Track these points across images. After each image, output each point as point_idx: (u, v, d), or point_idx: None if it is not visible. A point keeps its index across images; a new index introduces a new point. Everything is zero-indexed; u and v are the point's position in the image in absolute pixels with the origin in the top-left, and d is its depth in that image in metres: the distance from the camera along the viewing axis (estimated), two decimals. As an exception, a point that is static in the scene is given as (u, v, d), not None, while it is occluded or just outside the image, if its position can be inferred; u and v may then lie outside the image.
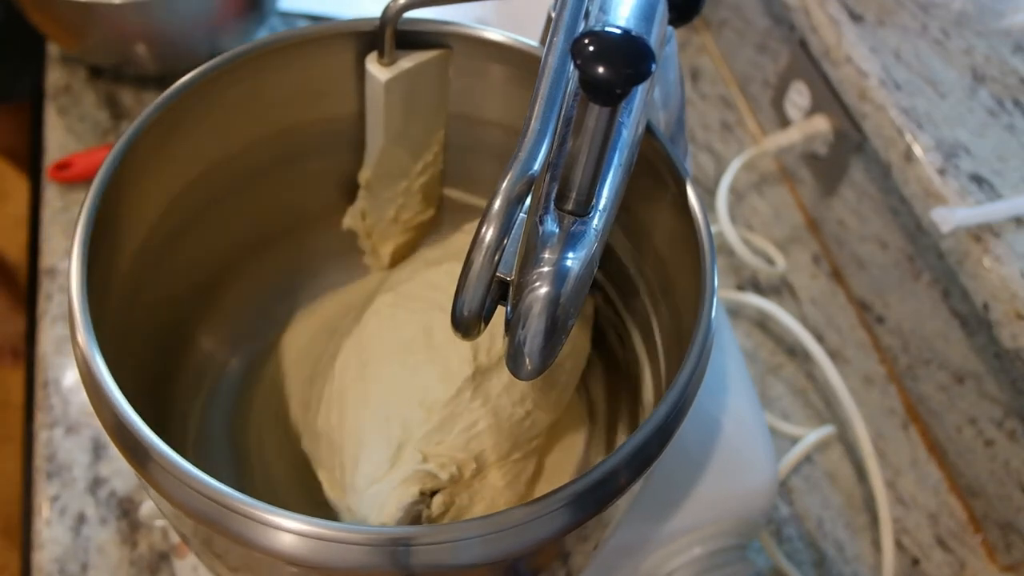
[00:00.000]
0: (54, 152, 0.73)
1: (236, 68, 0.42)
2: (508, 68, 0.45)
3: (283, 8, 0.83)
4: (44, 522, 0.55)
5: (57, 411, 0.60)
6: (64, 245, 0.68)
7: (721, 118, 0.83)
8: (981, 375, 0.58)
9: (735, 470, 0.46)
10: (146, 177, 0.40)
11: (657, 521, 0.44)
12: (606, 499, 0.31)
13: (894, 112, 0.59)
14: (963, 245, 0.54)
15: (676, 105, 0.46)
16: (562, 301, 0.28)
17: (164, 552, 0.54)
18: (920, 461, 0.63)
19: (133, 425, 0.31)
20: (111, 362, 0.33)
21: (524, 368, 0.29)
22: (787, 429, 0.64)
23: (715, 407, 0.47)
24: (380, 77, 0.44)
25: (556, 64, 0.32)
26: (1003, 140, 0.59)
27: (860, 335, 0.69)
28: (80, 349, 0.33)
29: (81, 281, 0.34)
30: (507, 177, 0.29)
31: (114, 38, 0.70)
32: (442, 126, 0.49)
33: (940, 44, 0.64)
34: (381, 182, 0.50)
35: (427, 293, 0.47)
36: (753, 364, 0.67)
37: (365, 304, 0.49)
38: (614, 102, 0.26)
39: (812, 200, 0.75)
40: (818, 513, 0.61)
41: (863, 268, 0.69)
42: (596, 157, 0.28)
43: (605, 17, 0.32)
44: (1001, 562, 0.59)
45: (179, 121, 0.41)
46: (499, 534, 0.29)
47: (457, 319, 0.29)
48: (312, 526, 0.28)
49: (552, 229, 0.29)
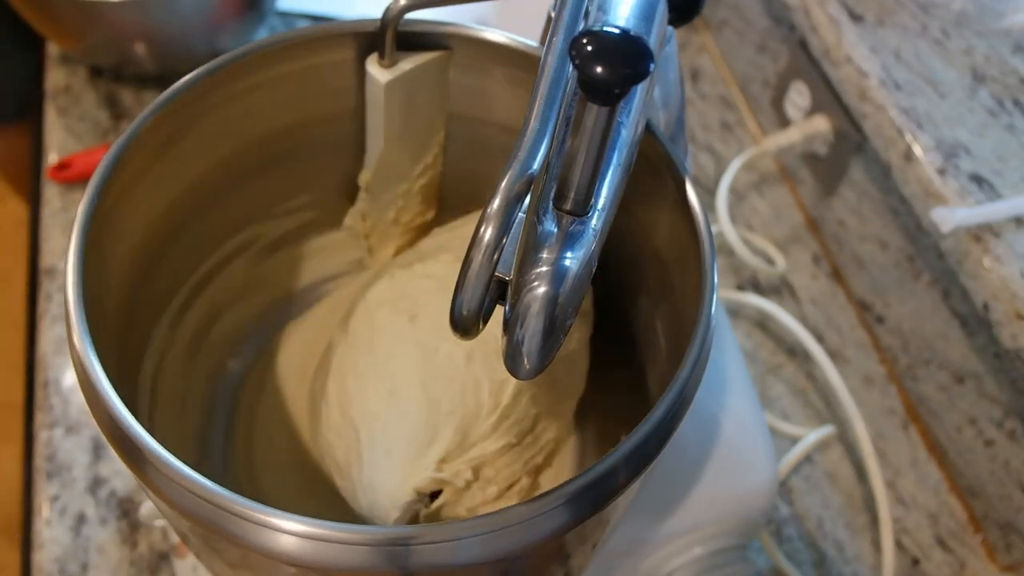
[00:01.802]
0: (54, 152, 0.73)
1: (236, 69, 0.42)
2: (508, 68, 0.45)
3: (283, 8, 0.83)
4: (44, 522, 0.55)
5: (57, 411, 0.60)
6: (64, 245, 0.68)
7: (721, 118, 0.83)
8: (981, 375, 0.58)
9: (735, 470, 0.46)
10: (144, 177, 0.40)
11: (657, 521, 0.44)
12: (605, 498, 0.31)
13: (894, 112, 0.59)
14: (963, 245, 0.54)
15: (676, 105, 0.46)
16: (560, 301, 0.28)
17: (164, 552, 0.54)
18: (920, 461, 0.63)
19: (130, 428, 0.31)
20: (107, 364, 0.33)
21: (522, 368, 0.29)
22: (787, 429, 0.64)
23: (715, 407, 0.47)
24: (380, 78, 0.44)
25: (555, 64, 0.32)
26: (1003, 140, 0.58)
27: (860, 335, 0.69)
28: (77, 351, 0.33)
29: (78, 283, 0.34)
30: (506, 176, 0.29)
31: (113, 37, 0.70)
32: (442, 127, 0.49)
33: (940, 44, 0.64)
34: (381, 183, 0.50)
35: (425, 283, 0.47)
36: (753, 364, 0.67)
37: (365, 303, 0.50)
38: (612, 102, 0.26)
39: (812, 200, 0.75)
40: (818, 513, 0.61)
41: (863, 268, 0.69)
42: (595, 157, 0.28)
43: (604, 17, 0.32)
44: (1001, 562, 0.59)
45: (178, 122, 0.41)
46: (498, 533, 0.29)
47: (456, 318, 0.29)
48: (311, 527, 0.28)
49: (551, 229, 0.29)
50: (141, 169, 0.40)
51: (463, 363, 0.44)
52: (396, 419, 0.44)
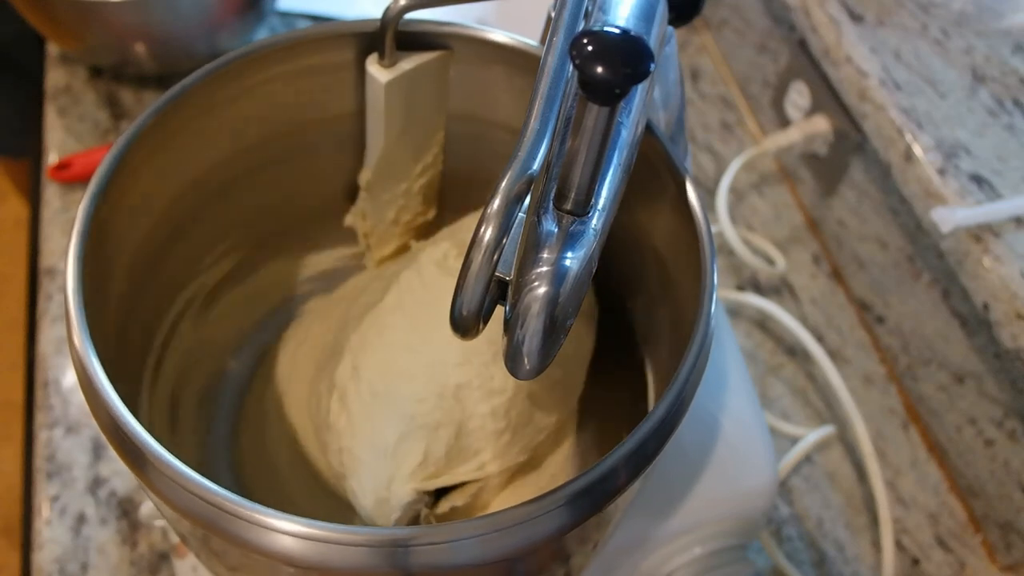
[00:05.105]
0: (54, 152, 0.73)
1: (236, 69, 0.42)
2: (508, 68, 0.45)
3: (283, 8, 0.83)
4: (44, 522, 0.55)
5: (57, 411, 0.60)
6: (64, 245, 0.68)
7: (721, 118, 0.83)
8: (981, 375, 0.58)
9: (735, 470, 0.46)
10: (145, 178, 0.40)
11: (657, 521, 0.44)
12: (605, 498, 0.31)
13: (894, 112, 0.59)
14: (963, 245, 0.54)
15: (676, 105, 0.46)
16: (560, 301, 0.28)
17: (164, 552, 0.54)
18: (920, 461, 0.63)
19: (130, 429, 0.31)
20: (107, 364, 0.33)
21: (523, 368, 0.29)
22: (787, 429, 0.64)
23: (715, 407, 0.47)
24: (380, 78, 0.44)
25: (556, 64, 0.32)
26: (1003, 140, 0.58)
27: (860, 335, 0.69)
28: (77, 351, 0.33)
29: (78, 283, 0.34)
30: (506, 176, 0.29)
31: (113, 37, 0.70)
32: (442, 127, 0.49)
33: (940, 44, 0.64)
34: (381, 183, 0.50)
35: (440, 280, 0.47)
36: (753, 364, 0.67)
37: (367, 299, 0.50)
38: (613, 102, 0.26)
39: (812, 200, 0.75)
40: (818, 513, 0.61)
41: (863, 268, 0.69)
42: (595, 157, 0.28)
43: (604, 17, 0.32)
44: (1001, 562, 0.59)
45: (179, 122, 0.41)
46: (498, 534, 0.29)
47: (456, 318, 0.29)
48: (311, 527, 0.28)
49: (551, 229, 0.29)
50: (141, 169, 0.40)
51: (463, 364, 0.44)
52: (397, 419, 0.44)
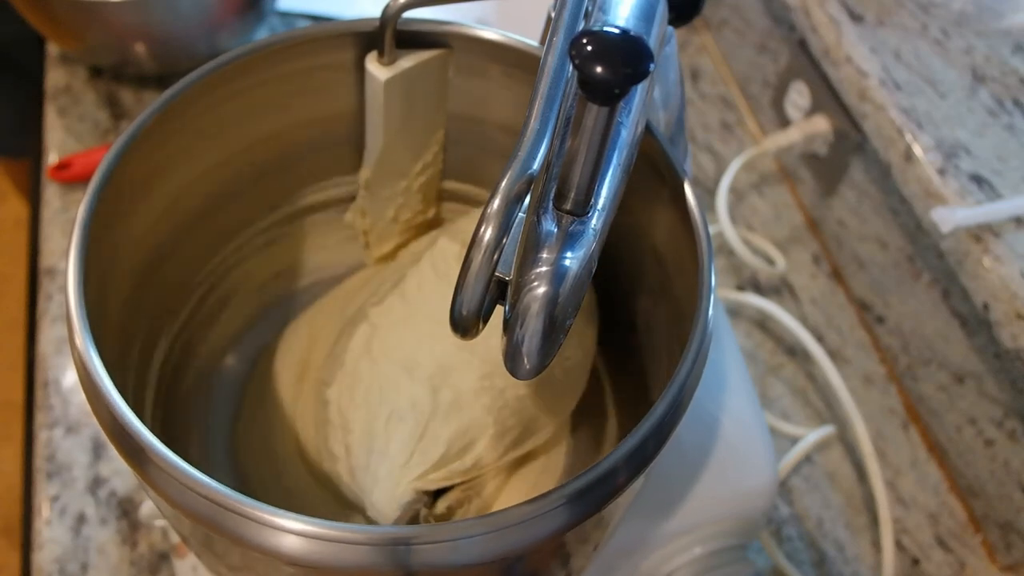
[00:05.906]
0: (54, 152, 0.73)
1: (236, 69, 0.42)
2: (508, 68, 0.45)
3: (283, 8, 0.83)
4: (44, 522, 0.55)
5: (57, 411, 0.60)
6: (64, 245, 0.68)
7: (721, 118, 0.83)
8: (981, 375, 0.58)
9: (735, 470, 0.46)
10: (145, 177, 0.40)
11: (657, 521, 0.44)
12: (605, 498, 0.31)
13: (894, 112, 0.59)
14: (963, 245, 0.54)
15: (676, 105, 0.46)
16: (560, 301, 0.28)
17: (164, 552, 0.54)
18: (920, 461, 0.63)
19: (131, 426, 0.31)
20: (109, 363, 0.33)
21: (522, 368, 0.29)
22: (787, 429, 0.64)
23: (715, 407, 0.47)
24: (380, 77, 0.44)
25: (555, 64, 0.32)
26: (1003, 140, 0.58)
27: (860, 335, 0.69)
28: (78, 351, 0.33)
29: (78, 283, 0.34)
30: (506, 176, 0.29)
31: (113, 37, 0.70)
32: (442, 126, 0.49)
33: (940, 44, 0.64)
34: (381, 181, 0.50)
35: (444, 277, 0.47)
36: (753, 364, 0.67)
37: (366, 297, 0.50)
38: (612, 102, 0.26)
39: (812, 200, 0.75)
40: (818, 513, 0.61)
41: (863, 268, 0.69)
42: (595, 157, 0.28)
43: (604, 17, 0.32)
44: (1001, 562, 0.59)
45: (179, 122, 0.41)
46: (498, 533, 0.29)
47: (455, 318, 0.29)
48: (311, 526, 0.28)
49: (551, 229, 0.29)
50: (141, 169, 0.40)
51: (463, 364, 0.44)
52: (397, 418, 0.44)
